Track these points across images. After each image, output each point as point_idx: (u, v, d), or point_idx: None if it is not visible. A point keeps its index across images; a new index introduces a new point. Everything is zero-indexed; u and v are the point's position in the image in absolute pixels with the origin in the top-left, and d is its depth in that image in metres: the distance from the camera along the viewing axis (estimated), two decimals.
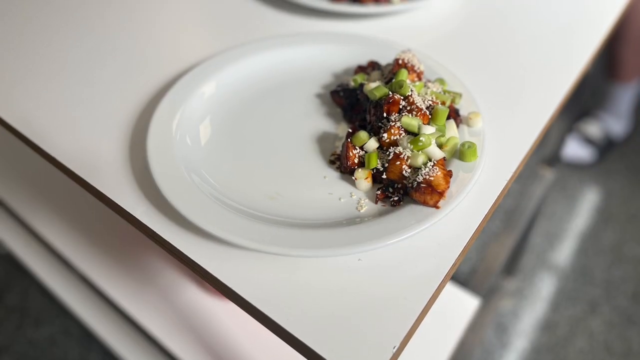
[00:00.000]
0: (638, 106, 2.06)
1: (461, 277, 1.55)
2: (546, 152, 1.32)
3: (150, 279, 1.04)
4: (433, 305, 0.47)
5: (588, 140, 1.91)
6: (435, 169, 0.49)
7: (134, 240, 1.08)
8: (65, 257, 1.09)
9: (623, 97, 1.88)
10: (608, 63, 1.84)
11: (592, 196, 1.82)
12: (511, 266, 1.53)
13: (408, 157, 0.51)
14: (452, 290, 1.16)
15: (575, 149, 1.91)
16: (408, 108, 0.54)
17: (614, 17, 0.79)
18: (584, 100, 1.18)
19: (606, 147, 1.94)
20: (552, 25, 0.77)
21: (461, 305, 1.12)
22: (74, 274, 1.24)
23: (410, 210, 0.49)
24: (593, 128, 1.93)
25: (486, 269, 1.25)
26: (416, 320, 0.43)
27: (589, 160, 1.92)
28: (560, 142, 1.27)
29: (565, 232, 1.72)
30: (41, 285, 1.56)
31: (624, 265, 1.62)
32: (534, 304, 1.54)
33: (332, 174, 0.55)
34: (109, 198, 0.54)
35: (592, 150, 1.91)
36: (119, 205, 0.53)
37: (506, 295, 1.55)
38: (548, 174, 1.34)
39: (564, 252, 1.67)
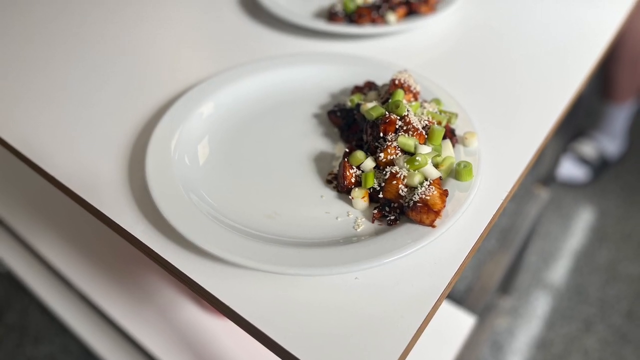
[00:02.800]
0: (632, 126, 2.08)
1: (457, 295, 1.55)
2: (541, 172, 1.33)
3: (149, 298, 1.04)
4: (429, 324, 0.47)
5: (583, 160, 1.92)
6: (432, 188, 0.50)
7: (133, 259, 1.08)
8: (65, 276, 1.09)
9: (617, 118, 1.89)
10: (602, 83, 1.85)
11: (586, 215, 1.83)
12: (507, 285, 1.54)
13: (404, 176, 0.51)
14: (448, 309, 1.16)
15: (570, 169, 1.92)
16: (404, 128, 0.54)
17: (608, 37, 0.80)
18: (578, 121, 1.19)
19: (601, 167, 1.95)
20: (548, 46, 0.78)
21: (457, 324, 1.12)
22: (73, 292, 1.24)
23: (406, 229, 0.49)
24: (588, 148, 1.94)
25: (482, 287, 1.25)
26: (412, 338, 0.43)
27: (583, 179, 1.93)
28: (555, 162, 1.28)
29: (560, 251, 1.73)
30: (41, 304, 1.56)
31: (618, 283, 1.62)
32: (530, 322, 1.54)
33: (329, 193, 0.56)
34: (108, 217, 0.54)
35: (586, 170, 1.92)
36: (118, 225, 0.53)
37: (502, 313, 1.55)
38: (543, 194, 1.34)
39: (559, 270, 1.67)
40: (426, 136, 0.55)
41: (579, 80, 0.72)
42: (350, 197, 0.54)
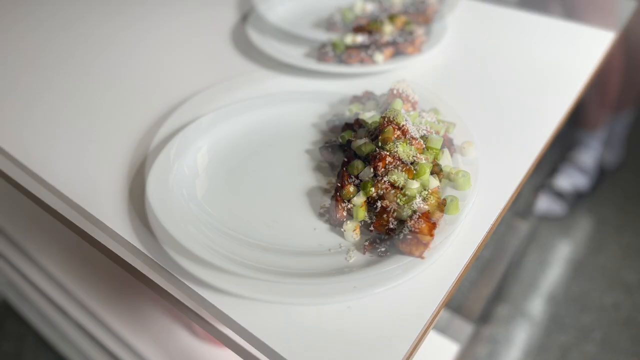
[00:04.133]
0: (602, 157, 2.12)
1: (441, 323, 1.57)
2: (520, 206, 1.35)
3: (143, 325, 1.04)
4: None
5: (558, 195, 1.96)
6: (421, 221, 0.51)
7: (127, 288, 1.08)
8: (60, 304, 1.09)
9: (589, 148, 1.92)
10: (576, 110, 1.87)
11: (562, 247, 1.86)
12: (487, 314, 1.56)
13: (394, 210, 0.53)
14: (432, 336, 1.18)
15: (546, 203, 1.95)
16: (394, 164, 0.56)
17: (587, 75, 0.82)
18: (554, 157, 1.22)
19: (576, 200, 1.98)
20: (529, 84, 0.80)
21: (441, 351, 1.14)
22: (68, 320, 1.23)
23: (396, 261, 0.51)
24: (563, 183, 1.97)
25: (464, 316, 1.27)
26: None
27: (559, 213, 1.96)
28: (533, 197, 1.30)
29: (538, 281, 1.75)
30: (36, 332, 1.56)
31: (592, 312, 1.65)
32: (509, 349, 1.56)
33: (322, 226, 0.57)
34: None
35: (562, 203, 1.95)
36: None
37: (483, 341, 1.57)
38: (522, 227, 1.37)
39: (536, 300, 1.70)
40: (414, 171, 0.56)
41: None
42: (342, 229, 0.56)
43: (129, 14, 1.03)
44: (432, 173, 0.57)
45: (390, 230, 0.53)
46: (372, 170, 0.57)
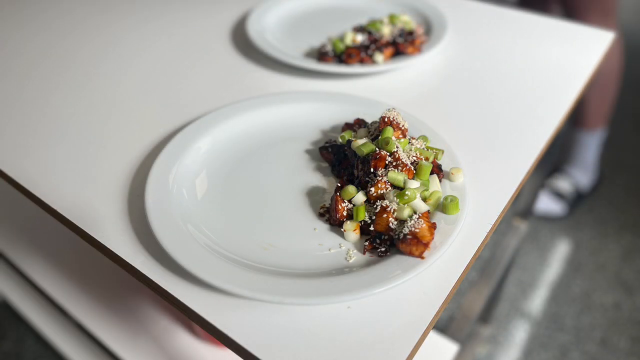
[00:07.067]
0: (602, 158, 2.12)
1: (440, 323, 1.57)
2: (520, 206, 1.36)
3: (143, 326, 1.04)
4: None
5: (559, 195, 1.96)
6: (421, 221, 0.51)
7: (127, 288, 1.08)
8: (60, 304, 1.09)
9: (589, 148, 1.93)
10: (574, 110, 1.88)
11: (562, 247, 1.86)
12: (487, 314, 1.56)
13: (394, 210, 0.53)
14: (432, 337, 1.18)
15: (546, 203, 1.95)
16: (394, 164, 0.56)
17: (586, 76, 0.82)
18: (554, 157, 1.22)
19: (576, 201, 1.99)
20: (529, 85, 0.80)
21: (441, 351, 1.14)
22: (68, 320, 1.23)
23: (396, 261, 0.51)
24: (563, 183, 1.98)
25: (464, 316, 1.27)
26: None
27: (559, 213, 1.96)
28: (533, 197, 1.31)
29: (538, 281, 1.76)
30: (36, 332, 1.56)
31: (592, 312, 1.65)
32: (508, 349, 1.56)
33: (322, 226, 0.57)
34: (109, 250, 0.55)
35: (562, 204, 1.95)
36: (119, 257, 0.54)
37: (482, 341, 1.57)
38: (522, 227, 1.37)
39: (536, 300, 1.70)
40: (414, 172, 0.57)
41: (558, 118, 0.74)
42: (342, 229, 0.56)
43: (129, 14, 1.03)
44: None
45: (390, 230, 0.53)
46: (365, 195, 0.57)
